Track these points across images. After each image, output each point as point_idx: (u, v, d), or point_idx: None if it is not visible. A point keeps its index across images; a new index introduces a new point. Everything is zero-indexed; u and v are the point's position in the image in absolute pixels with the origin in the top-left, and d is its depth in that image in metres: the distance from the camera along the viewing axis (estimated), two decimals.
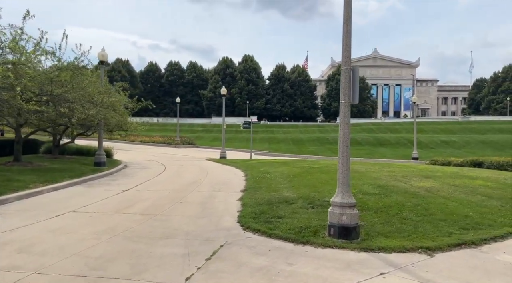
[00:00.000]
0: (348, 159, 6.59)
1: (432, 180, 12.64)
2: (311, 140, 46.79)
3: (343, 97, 6.59)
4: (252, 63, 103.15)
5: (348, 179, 6.60)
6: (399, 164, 18.43)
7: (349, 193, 6.52)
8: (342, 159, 6.57)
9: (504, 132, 48.92)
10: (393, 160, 31.49)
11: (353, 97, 6.59)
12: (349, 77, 6.51)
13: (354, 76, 6.56)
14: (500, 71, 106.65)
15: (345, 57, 6.52)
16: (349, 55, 6.52)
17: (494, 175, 14.48)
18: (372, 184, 11.52)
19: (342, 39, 6.54)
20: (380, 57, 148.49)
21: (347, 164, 6.56)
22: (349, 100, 6.57)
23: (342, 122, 6.65)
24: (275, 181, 13.10)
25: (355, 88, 6.56)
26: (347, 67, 6.51)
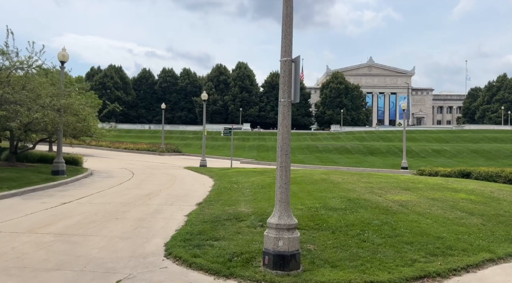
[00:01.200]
0: (288, 171, 5.40)
1: (410, 192, 11.48)
2: (301, 148, 45.63)
3: (282, 95, 5.43)
4: (245, 71, 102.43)
5: (288, 194, 5.40)
6: (382, 174, 17.27)
7: (288, 212, 5.31)
8: (281, 171, 5.38)
9: (497, 141, 47.96)
10: (382, 170, 30.36)
11: (294, 94, 5.43)
12: (290, 71, 5.36)
13: (296, 70, 5.41)
14: (495, 80, 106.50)
15: (285, 45, 5.37)
16: (289, 43, 5.37)
17: (480, 187, 13.32)
18: (342, 197, 10.34)
19: (282, 23, 5.41)
20: (375, 65, 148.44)
21: (287, 177, 5.37)
22: (289, 99, 5.41)
23: (281, 125, 5.49)
24: (239, 193, 11.91)
25: (296, 84, 5.40)
26: (287, 58, 5.36)
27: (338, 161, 36.26)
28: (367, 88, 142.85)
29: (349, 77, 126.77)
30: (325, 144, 47.33)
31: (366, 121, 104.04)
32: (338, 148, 43.86)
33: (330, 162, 35.77)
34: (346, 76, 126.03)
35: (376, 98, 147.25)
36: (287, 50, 5.36)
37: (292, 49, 5.42)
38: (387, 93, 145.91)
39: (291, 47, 5.40)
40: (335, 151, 42.42)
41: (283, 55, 5.38)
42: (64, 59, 15.61)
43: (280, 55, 5.41)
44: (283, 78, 5.38)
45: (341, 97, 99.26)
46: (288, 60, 5.36)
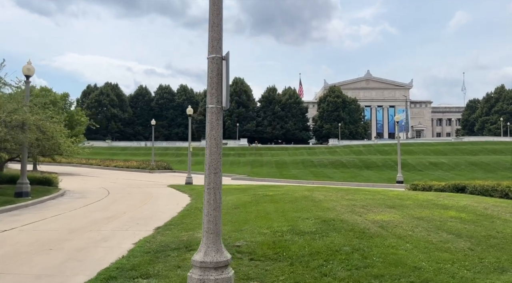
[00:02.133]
0: (218, 193, 4.37)
1: (395, 211, 10.41)
2: (296, 163, 44.57)
3: (210, 100, 4.46)
4: (242, 86, 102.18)
5: (218, 223, 4.35)
6: (371, 190, 16.20)
7: (217, 245, 4.26)
8: (208, 194, 4.35)
9: (497, 153, 46.83)
10: (377, 184, 29.26)
11: (225, 99, 4.46)
12: (219, 71, 4.41)
13: (226, 70, 4.46)
14: (493, 92, 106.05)
15: (213, 39, 4.43)
16: (218, 36, 4.43)
17: (473, 203, 12.23)
18: (317, 217, 9.27)
19: (209, 13, 4.48)
20: (373, 79, 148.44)
21: (216, 201, 4.34)
22: (219, 104, 4.44)
23: (208, 136, 4.50)
24: None
25: (226, 86, 4.44)
26: (215, 55, 4.41)
27: (333, 176, 35.15)
28: (366, 101, 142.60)
29: (347, 91, 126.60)
30: (321, 159, 46.24)
31: (365, 134, 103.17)
32: (334, 162, 42.77)
33: (325, 177, 34.66)
34: (344, 90, 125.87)
35: (374, 112, 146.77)
36: (215, 45, 4.42)
37: (222, 44, 4.48)
38: (386, 106, 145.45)
39: (221, 41, 4.46)
40: (330, 166, 41.31)
41: (210, 51, 4.43)
42: (29, 73, 14.78)
43: (208, 51, 4.46)
44: (211, 79, 4.42)
45: (339, 111, 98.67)
46: (216, 57, 4.40)
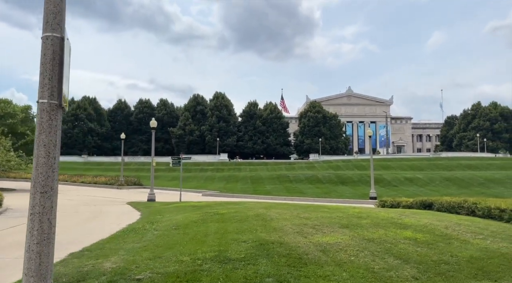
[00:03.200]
0: (47, 221, 3.25)
1: (347, 231, 9.40)
2: (272, 178, 43.49)
3: (42, 93, 3.35)
4: (223, 100, 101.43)
5: (46, 263, 3.20)
6: (334, 207, 15.23)
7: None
8: (32, 221, 3.21)
9: (472, 169, 46.86)
10: (350, 200, 28.40)
11: (64, 93, 3.39)
12: (55, 54, 3.35)
13: (66, 54, 3.41)
14: (470, 109, 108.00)
15: (49, 14, 3.37)
16: (57, 11, 3.38)
17: (435, 221, 11.35)
18: (256, 240, 8.18)
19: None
20: (354, 95, 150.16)
21: (43, 232, 3.19)
22: (54, 100, 3.35)
23: (37, 143, 3.36)
24: (139, 236, 9.64)
25: (66, 76, 3.37)
26: (51, 34, 3.35)
27: (306, 191, 34.17)
28: (347, 117, 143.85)
29: (328, 107, 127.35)
30: (297, 174, 45.32)
31: (345, 149, 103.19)
32: (310, 178, 41.87)
33: (298, 192, 33.65)
34: (326, 106, 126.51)
35: (356, 127, 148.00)
36: (50, 20, 3.36)
37: (64, 21, 3.43)
38: (367, 122, 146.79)
39: (62, 16, 3.41)
40: (306, 181, 40.38)
41: (45, 29, 3.37)
42: None
43: (42, 29, 3.40)
44: (44, 65, 3.34)
45: (319, 126, 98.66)
46: (53, 37, 3.35)
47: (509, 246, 8.55)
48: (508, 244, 8.74)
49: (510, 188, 31.30)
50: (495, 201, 13.77)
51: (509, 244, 8.74)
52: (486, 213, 13.44)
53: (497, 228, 10.88)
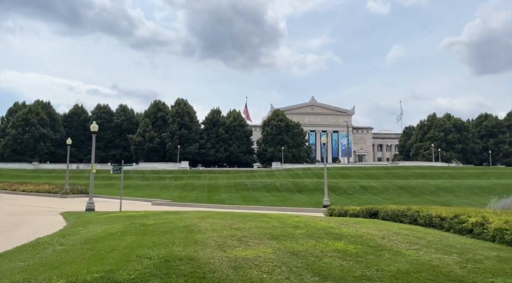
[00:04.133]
0: None
1: (275, 243, 8.57)
2: (229, 187, 42.42)
3: None
4: (185, 107, 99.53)
5: None
6: (274, 215, 14.45)
7: None
8: None
9: (425, 177, 48.15)
10: (304, 208, 27.90)
11: None
12: None
13: None
14: (426, 120, 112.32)
15: None
16: None
17: (374, 230, 10.79)
18: (165, 256, 7.16)
19: None
20: (317, 105, 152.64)
21: None
22: None
23: None
24: (34, 253, 8.31)
25: None
26: None
27: (262, 200, 33.41)
28: (311, 126, 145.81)
29: (292, 116, 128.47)
30: (255, 182, 44.55)
31: (308, 158, 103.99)
32: (267, 186, 41.21)
33: (254, 201, 32.81)
34: (290, 115, 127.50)
35: (319, 136, 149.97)
36: None
37: None
38: (330, 131, 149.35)
39: None
40: (263, 189, 39.67)
41: None
42: None
43: None
44: None
45: (282, 135, 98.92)
46: None
47: (441, 258, 8.04)
48: (441, 255, 8.24)
49: (459, 196, 32.11)
50: (436, 209, 13.50)
51: (442, 255, 8.24)
52: (427, 222, 13.11)
53: (434, 237, 10.46)
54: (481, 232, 10.96)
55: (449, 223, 12.12)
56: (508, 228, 10.25)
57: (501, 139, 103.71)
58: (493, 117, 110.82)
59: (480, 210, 13.18)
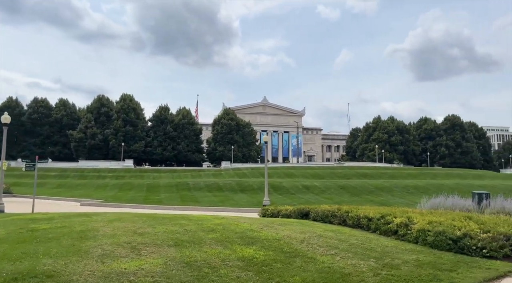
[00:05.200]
0: None
1: (173, 250, 7.38)
2: (171, 186, 40.52)
3: None
4: (131, 103, 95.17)
5: None
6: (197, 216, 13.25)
7: None
8: None
9: (367, 177, 49.36)
10: (242, 209, 26.94)
11: None
12: None
13: None
14: (371, 122, 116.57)
15: None
16: None
17: (296, 233, 9.96)
18: (17, 272, 5.69)
19: None
20: (269, 105, 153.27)
21: None
22: None
23: None
24: None
25: None
26: None
27: (202, 200, 32.04)
28: (262, 126, 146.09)
29: (244, 115, 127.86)
30: (199, 182, 43.01)
31: (258, 157, 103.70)
32: (210, 186, 39.86)
33: (193, 201, 31.35)
34: (242, 114, 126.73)
35: (270, 136, 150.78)
36: None
37: None
38: (281, 132, 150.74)
39: None
40: (206, 189, 38.28)
41: None
42: None
43: None
44: None
45: (232, 134, 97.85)
46: None
47: (357, 264, 7.30)
48: (357, 261, 7.51)
49: (395, 196, 32.93)
50: (365, 209, 13.02)
51: (359, 261, 7.52)
52: (355, 223, 12.58)
53: (358, 240, 9.83)
54: (405, 234, 10.52)
55: (375, 224, 11.63)
56: (431, 229, 9.86)
57: (439, 142, 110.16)
58: (432, 121, 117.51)
59: (408, 210, 12.87)
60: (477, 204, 16.00)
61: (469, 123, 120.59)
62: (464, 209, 16.42)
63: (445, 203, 17.31)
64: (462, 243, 9.16)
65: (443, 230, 9.59)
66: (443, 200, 17.61)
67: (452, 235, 9.34)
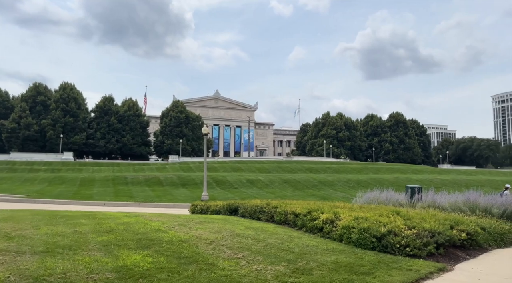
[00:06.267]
0: None
1: (31, 260, 5.83)
2: (107, 181, 37.82)
3: None
4: (72, 92, 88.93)
5: None
6: (105, 214, 11.68)
7: None
8: None
9: (312, 172, 49.57)
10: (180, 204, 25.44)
11: None
12: None
13: None
14: (320, 117, 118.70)
15: None
16: None
17: (211, 233, 8.78)
18: None
19: None
20: (221, 98, 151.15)
21: None
22: None
23: None
24: None
25: None
26: None
27: (137, 195, 30.01)
28: (214, 120, 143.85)
29: (196, 109, 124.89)
30: (138, 176, 40.62)
31: (208, 152, 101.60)
32: (150, 180, 37.70)
33: (127, 196, 29.23)
34: (194, 107, 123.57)
35: (222, 131, 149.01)
36: None
37: None
38: (233, 126, 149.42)
39: None
40: (144, 183, 36.11)
41: None
42: None
43: None
44: None
45: (181, 127, 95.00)
46: None
47: (263, 269, 6.22)
48: (265, 266, 6.44)
49: (337, 190, 33.00)
50: (294, 205, 12.14)
51: (266, 266, 6.45)
52: (283, 219, 11.66)
53: (277, 239, 8.83)
54: (331, 231, 9.70)
55: (302, 221, 10.76)
56: (356, 225, 9.09)
57: (384, 138, 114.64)
58: (378, 117, 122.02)
59: (338, 205, 12.16)
60: (410, 198, 15.80)
61: (412, 120, 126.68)
62: (397, 203, 16.20)
63: (380, 197, 17.03)
64: (386, 240, 8.47)
65: (367, 227, 8.85)
66: (378, 194, 17.32)
67: (377, 232, 8.62)
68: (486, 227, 10.61)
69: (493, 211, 12.53)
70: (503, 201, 12.56)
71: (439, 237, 8.73)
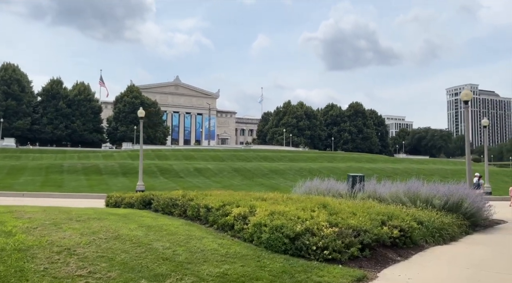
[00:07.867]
0: None
1: None
2: (39, 169, 34.40)
3: None
4: (14, 74, 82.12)
5: None
6: None
7: None
8: None
9: (267, 160, 48.28)
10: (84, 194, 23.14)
11: None
12: None
13: None
14: (282, 106, 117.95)
15: None
16: None
17: (81, 234, 6.75)
18: None
19: None
20: (182, 85, 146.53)
21: None
22: None
23: None
24: None
25: None
26: None
27: (67, 184, 27.19)
28: (174, 107, 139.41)
29: (155, 95, 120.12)
30: (75, 163, 37.38)
31: (164, 139, 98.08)
32: (88, 168, 34.69)
33: (55, 186, 26.38)
34: (153, 94, 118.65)
35: (183, 118, 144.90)
36: None
37: None
38: (194, 114, 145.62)
39: None
40: (81, 172, 33.10)
41: None
42: None
43: None
44: None
45: (136, 113, 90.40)
46: None
47: None
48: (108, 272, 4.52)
49: (288, 179, 31.75)
50: (212, 197, 10.32)
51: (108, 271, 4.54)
52: (195, 214, 9.84)
53: (167, 243, 6.96)
54: (242, 229, 7.94)
55: (214, 216, 8.95)
56: (268, 223, 7.38)
57: (343, 128, 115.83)
58: (338, 107, 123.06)
59: (258, 195, 10.46)
60: (351, 188, 14.45)
61: (371, 110, 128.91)
62: (337, 194, 14.86)
63: (320, 187, 15.58)
64: (301, 241, 6.80)
65: (281, 224, 7.15)
66: (319, 184, 15.92)
67: (291, 231, 6.93)
68: (424, 221, 9.34)
69: (435, 202, 11.35)
70: (444, 191, 11.39)
71: (365, 236, 7.20)
